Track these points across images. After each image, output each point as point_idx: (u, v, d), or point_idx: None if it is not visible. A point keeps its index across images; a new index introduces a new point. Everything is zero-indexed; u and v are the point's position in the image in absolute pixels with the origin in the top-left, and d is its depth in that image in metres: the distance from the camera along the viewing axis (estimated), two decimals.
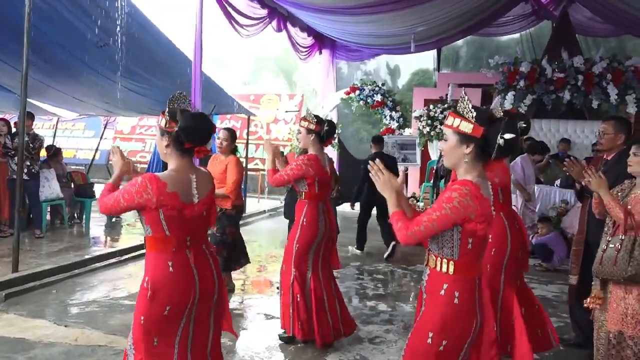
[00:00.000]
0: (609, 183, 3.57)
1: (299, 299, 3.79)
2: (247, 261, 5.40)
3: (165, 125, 2.34)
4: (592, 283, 3.08)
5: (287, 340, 3.99)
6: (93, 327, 4.22)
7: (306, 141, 3.89)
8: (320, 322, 3.81)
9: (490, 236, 3.31)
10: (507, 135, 2.00)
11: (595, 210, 3.20)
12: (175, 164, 2.37)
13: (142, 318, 2.27)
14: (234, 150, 5.07)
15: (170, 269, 2.27)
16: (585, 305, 3.04)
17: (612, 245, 2.89)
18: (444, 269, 2.07)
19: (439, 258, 2.09)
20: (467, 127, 2.03)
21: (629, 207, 2.91)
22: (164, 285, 2.25)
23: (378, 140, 7.53)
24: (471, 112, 2.03)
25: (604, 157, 3.84)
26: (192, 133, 2.32)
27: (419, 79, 21.37)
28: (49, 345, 3.85)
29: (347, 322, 3.97)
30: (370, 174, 2.20)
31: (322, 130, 3.83)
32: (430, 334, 2.05)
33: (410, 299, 5.35)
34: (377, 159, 2.26)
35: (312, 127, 3.84)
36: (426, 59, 19.78)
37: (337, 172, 7.01)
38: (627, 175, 3.11)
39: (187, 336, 2.35)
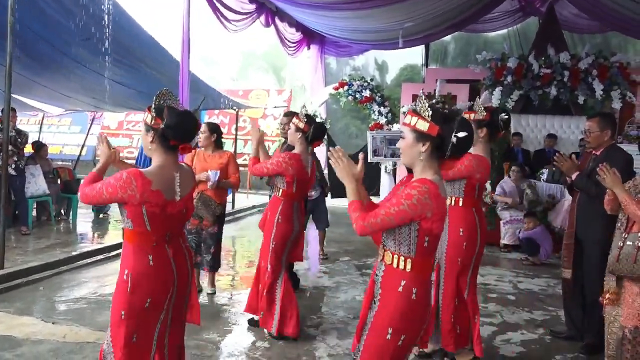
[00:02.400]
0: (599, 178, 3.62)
1: (276, 295, 3.89)
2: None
3: (151, 121, 2.35)
4: (605, 279, 3.10)
5: (277, 338, 3.99)
6: (81, 323, 4.20)
7: (293, 138, 3.91)
8: (292, 315, 3.91)
9: (461, 229, 3.39)
10: (461, 134, 2.04)
11: (607, 206, 3.21)
12: (160, 160, 2.38)
13: (122, 313, 2.29)
14: (219, 145, 5.06)
15: (151, 262, 2.31)
16: (602, 302, 3.08)
17: (631, 243, 2.89)
18: (402, 266, 2.10)
19: (395, 255, 2.12)
20: (423, 126, 2.07)
21: None
22: (144, 278, 2.29)
23: None
24: (427, 111, 2.08)
25: (593, 152, 3.89)
26: (177, 130, 2.33)
27: (407, 74, 21.42)
28: (37, 342, 3.82)
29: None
30: (330, 162, 2.21)
31: (309, 132, 3.84)
32: (390, 330, 2.08)
33: None
34: (338, 146, 2.26)
35: (301, 126, 3.84)
36: (414, 55, 19.84)
37: (325, 171, 6.94)
38: (620, 169, 3.14)
39: (165, 327, 2.40)
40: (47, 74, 7.95)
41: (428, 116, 2.07)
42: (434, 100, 9.55)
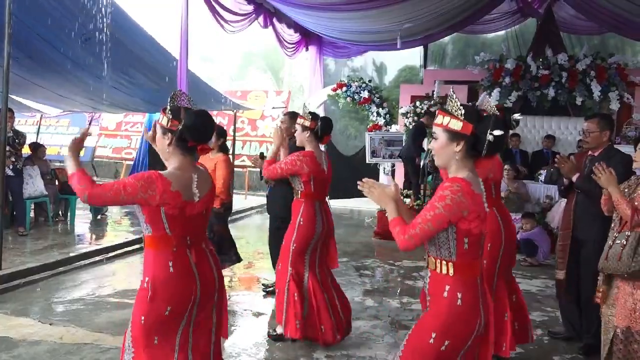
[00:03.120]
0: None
1: (296, 298, 3.75)
2: (239, 259, 5.33)
3: (167, 123, 2.29)
4: (599, 278, 3.11)
5: (275, 338, 3.98)
6: (78, 324, 4.19)
7: (302, 138, 3.82)
8: (323, 321, 3.77)
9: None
10: (496, 132, 2.01)
11: (604, 207, 3.22)
12: (178, 162, 2.31)
13: (142, 318, 2.23)
14: (223, 148, 5.05)
15: (171, 269, 2.22)
16: (597, 301, 3.08)
17: (619, 242, 2.92)
18: (444, 271, 2.07)
19: (437, 260, 2.09)
20: (456, 125, 2.04)
21: (635, 203, 2.94)
22: (164, 286, 2.21)
23: None
24: (460, 109, 2.04)
25: (590, 153, 3.88)
26: (196, 131, 2.28)
27: (406, 75, 21.42)
28: (34, 343, 3.81)
29: (349, 322, 3.96)
30: (364, 193, 2.19)
31: (317, 127, 3.79)
32: (433, 334, 2.05)
33: (397, 295, 5.38)
34: (365, 178, 2.23)
35: (307, 124, 3.77)
36: (412, 56, 19.82)
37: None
38: (619, 170, 3.15)
39: (187, 337, 2.30)
40: (45, 75, 7.93)
41: (461, 115, 2.03)
42: (432, 102, 9.62)
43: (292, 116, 4.92)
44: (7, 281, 5.21)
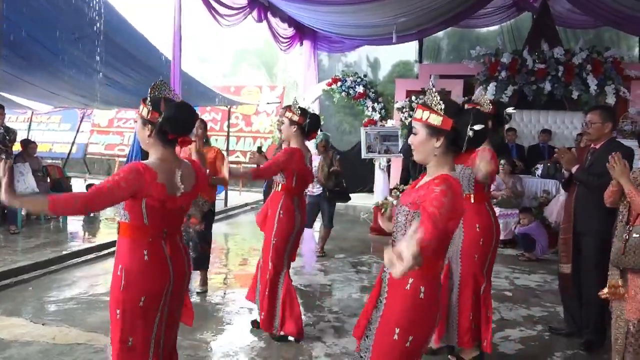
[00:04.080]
0: (600, 171, 3.57)
1: (266, 293, 3.77)
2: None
3: (147, 114, 2.25)
4: (609, 273, 3.05)
5: (278, 339, 3.89)
6: (71, 324, 4.10)
7: (288, 132, 3.79)
8: (297, 314, 3.81)
9: (478, 225, 3.32)
10: (477, 127, 1.94)
11: (609, 199, 3.16)
12: (159, 154, 2.28)
13: (117, 312, 2.21)
14: (206, 142, 5.00)
15: (146, 257, 2.21)
16: (602, 295, 3.01)
17: (637, 235, 2.84)
18: None
19: None
20: (436, 120, 1.96)
21: None
22: (139, 274, 2.20)
23: None
24: (439, 104, 1.96)
25: (592, 146, 3.83)
26: (176, 123, 2.24)
27: (400, 70, 21.31)
28: (26, 344, 3.72)
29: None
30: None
31: (305, 123, 3.74)
32: (397, 330, 1.99)
33: None
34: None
35: (296, 118, 3.73)
36: (407, 51, 19.69)
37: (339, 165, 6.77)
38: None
39: (161, 331, 2.31)
40: (36, 73, 7.81)
41: (441, 109, 1.95)
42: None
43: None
44: None
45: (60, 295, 4.87)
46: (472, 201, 3.36)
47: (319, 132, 9.27)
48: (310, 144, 6.83)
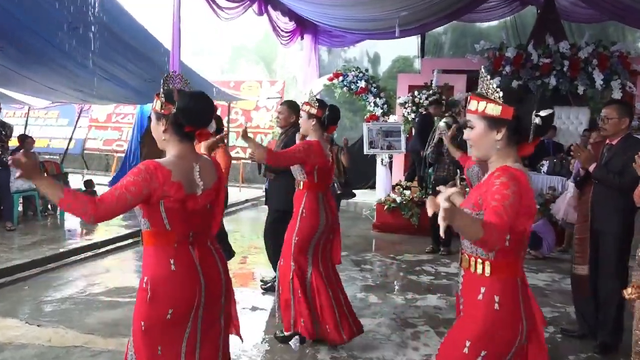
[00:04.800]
0: (617, 168, 3.44)
1: (300, 295, 3.53)
2: (231, 255, 5.14)
3: (161, 108, 2.07)
4: (633, 273, 2.92)
5: (282, 340, 3.74)
6: (68, 326, 3.97)
7: (307, 127, 3.58)
8: (328, 320, 3.55)
9: None
10: (544, 112, 1.79)
11: (639, 198, 3.03)
12: (176, 150, 2.09)
13: (142, 323, 2.01)
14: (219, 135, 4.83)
15: (172, 267, 2.01)
16: (626, 296, 2.88)
17: None
18: (479, 270, 1.84)
19: (472, 258, 1.86)
20: (495, 110, 1.80)
21: None
22: (165, 285, 2.00)
23: None
24: (497, 92, 1.81)
25: (608, 142, 3.70)
26: (192, 115, 2.06)
27: (400, 65, 21.19)
28: (21, 347, 3.59)
29: (355, 320, 3.72)
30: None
31: (324, 116, 3.54)
32: (467, 343, 1.82)
33: (398, 290, 5.19)
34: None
35: (314, 111, 3.52)
36: (406, 47, 19.53)
37: (346, 160, 6.60)
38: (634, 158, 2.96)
39: (194, 344, 2.09)
40: (32, 66, 7.65)
41: (499, 97, 1.80)
42: (431, 91, 9.41)
43: (290, 105, 4.69)
44: None
45: (56, 295, 4.73)
46: None
47: None
48: None
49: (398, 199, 8.05)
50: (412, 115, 9.35)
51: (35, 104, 11.70)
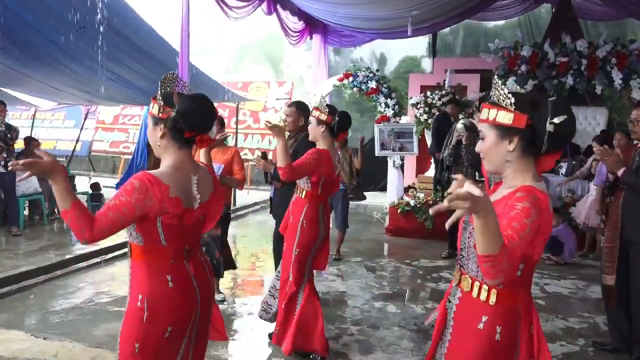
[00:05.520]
0: None
1: (283, 306, 3.45)
2: (233, 267, 4.91)
3: (159, 111, 1.91)
4: None
5: (302, 356, 3.56)
6: (75, 338, 3.79)
7: (315, 133, 3.42)
8: (318, 330, 3.44)
9: None
10: (558, 119, 1.57)
11: None
12: (173, 159, 1.94)
13: (136, 345, 1.84)
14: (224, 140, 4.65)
15: (170, 284, 1.87)
16: None
17: None
18: (483, 297, 1.65)
19: (476, 282, 1.67)
20: (506, 117, 1.61)
21: None
22: (164, 303, 1.86)
23: None
24: (508, 98, 1.61)
25: (639, 145, 3.50)
26: (193, 118, 1.90)
27: (407, 66, 21.01)
28: None
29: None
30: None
31: (334, 122, 3.36)
32: None
33: (418, 299, 5.00)
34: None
35: (323, 117, 3.35)
36: (414, 46, 19.36)
37: (359, 162, 6.43)
38: None
39: (187, 357, 2.00)
40: (38, 67, 7.52)
41: (510, 104, 1.60)
42: (444, 91, 9.20)
43: (299, 107, 4.29)
44: None
45: (63, 305, 4.56)
46: None
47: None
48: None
49: (412, 202, 7.85)
50: (425, 116, 9.13)
51: (42, 105, 11.58)
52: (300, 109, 4.20)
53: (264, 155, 4.23)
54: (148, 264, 1.89)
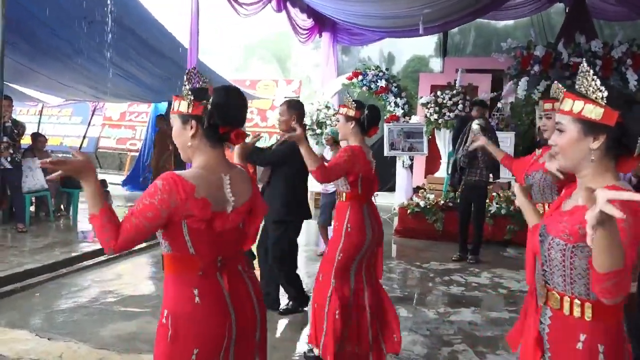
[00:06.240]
0: None
1: (337, 316, 3.16)
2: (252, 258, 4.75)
3: (189, 108, 1.74)
4: None
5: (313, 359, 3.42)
6: (80, 339, 3.70)
7: (345, 131, 3.24)
8: (364, 345, 3.22)
9: None
10: None
11: None
12: (205, 160, 1.77)
13: None
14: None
15: (197, 299, 1.69)
16: None
17: None
18: (577, 313, 1.50)
19: (566, 297, 1.53)
20: (594, 112, 1.45)
21: None
22: (188, 322, 1.69)
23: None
24: (600, 90, 1.45)
25: None
26: (230, 110, 1.75)
27: (415, 65, 20.90)
28: None
29: (390, 339, 3.32)
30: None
31: (363, 117, 3.19)
32: None
33: (429, 303, 4.89)
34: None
35: (352, 113, 3.18)
36: (422, 46, 19.23)
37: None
38: None
39: None
40: (46, 62, 7.47)
41: (602, 98, 1.45)
42: (454, 91, 9.07)
43: (291, 105, 4.13)
44: (3, 285, 4.75)
45: (68, 304, 4.48)
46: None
47: (328, 128, 8.83)
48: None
49: (422, 203, 7.74)
50: (435, 116, 9.00)
51: (49, 101, 11.55)
52: (291, 107, 4.09)
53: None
54: (176, 276, 1.72)
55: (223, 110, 1.73)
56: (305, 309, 4.33)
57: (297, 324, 4.24)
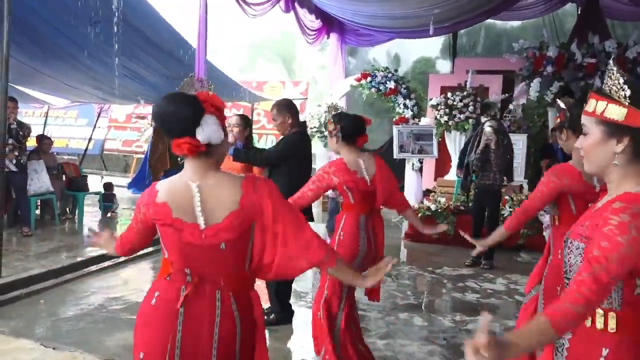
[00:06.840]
0: None
1: (325, 327, 3.08)
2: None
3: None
4: None
5: None
6: (86, 349, 3.58)
7: (333, 145, 3.23)
8: (361, 356, 3.14)
9: (560, 252, 2.71)
10: None
11: None
12: (185, 169, 1.79)
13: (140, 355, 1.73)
14: (251, 142, 4.45)
15: (154, 299, 1.71)
16: None
17: None
18: (600, 325, 1.39)
19: None
20: (617, 112, 1.36)
21: None
22: (142, 322, 1.74)
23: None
24: (623, 89, 1.36)
25: None
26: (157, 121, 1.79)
27: (421, 67, 20.76)
28: None
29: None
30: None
31: (339, 128, 3.11)
32: None
33: (445, 311, 4.75)
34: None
35: (332, 127, 3.16)
36: (428, 47, 19.08)
37: None
38: None
39: None
40: (52, 63, 7.39)
41: (624, 97, 1.36)
42: (465, 92, 8.93)
43: (282, 107, 4.12)
44: (8, 291, 4.63)
45: (74, 311, 4.37)
46: (558, 224, 2.73)
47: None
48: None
49: (433, 207, 7.60)
50: (445, 118, 8.85)
51: (55, 103, 11.48)
52: (283, 109, 4.08)
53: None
54: (158, 275, 1.80)
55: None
56: (289, 324, 4.18)
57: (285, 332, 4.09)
